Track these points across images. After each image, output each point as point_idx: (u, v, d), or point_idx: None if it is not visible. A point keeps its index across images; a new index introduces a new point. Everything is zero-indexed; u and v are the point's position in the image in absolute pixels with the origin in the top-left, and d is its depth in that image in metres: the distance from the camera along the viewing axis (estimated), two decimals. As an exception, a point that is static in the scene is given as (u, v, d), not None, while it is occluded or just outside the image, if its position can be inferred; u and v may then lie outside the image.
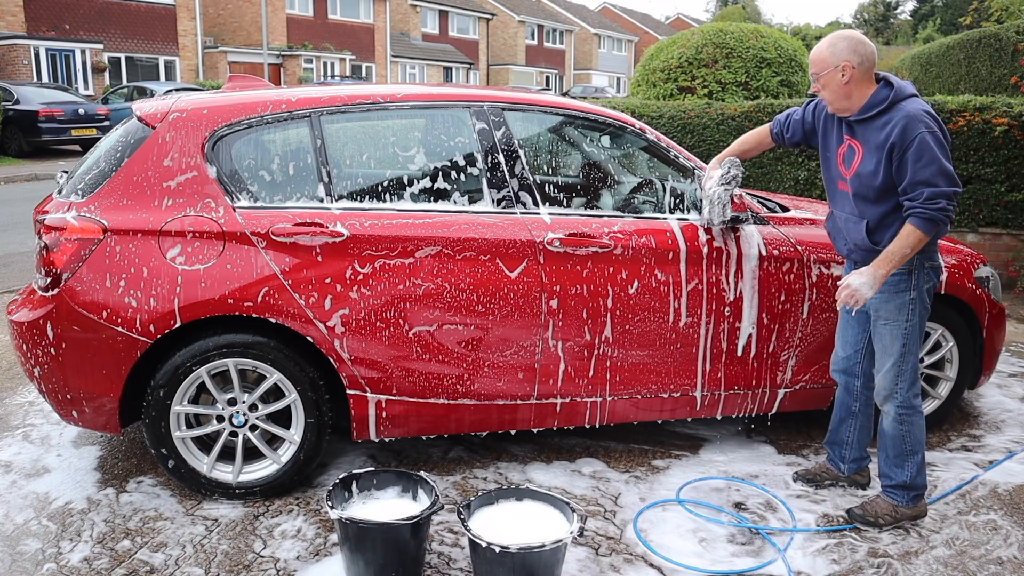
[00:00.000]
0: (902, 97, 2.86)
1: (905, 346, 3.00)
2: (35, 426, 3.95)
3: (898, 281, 2.96)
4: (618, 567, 2.85)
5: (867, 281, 2.85)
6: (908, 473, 3.10)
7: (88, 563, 2.82)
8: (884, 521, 3.12)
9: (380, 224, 3.18)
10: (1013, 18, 11.79)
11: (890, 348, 3.02)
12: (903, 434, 3.08)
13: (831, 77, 2.89)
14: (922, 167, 2.77)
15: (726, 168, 3.32)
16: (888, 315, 3.01)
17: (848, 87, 2.89)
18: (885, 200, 2.92)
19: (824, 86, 2.93)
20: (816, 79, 2.95)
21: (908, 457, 3.09)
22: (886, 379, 3.06)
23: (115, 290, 3.01)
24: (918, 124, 2.78)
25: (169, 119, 3.17)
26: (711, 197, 3.33)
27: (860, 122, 2.93)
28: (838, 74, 2.88)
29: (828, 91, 2.93)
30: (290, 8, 33.61)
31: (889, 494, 3.15)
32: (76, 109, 17.50)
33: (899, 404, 3.05)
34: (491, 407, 3.39)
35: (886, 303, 3.00)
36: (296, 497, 3.28)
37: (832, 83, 2.90)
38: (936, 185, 2.76)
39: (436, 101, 3.44)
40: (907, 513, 3.13)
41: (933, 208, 2.76)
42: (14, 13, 24.07)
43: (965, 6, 26.27)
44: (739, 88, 9.93)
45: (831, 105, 2.96)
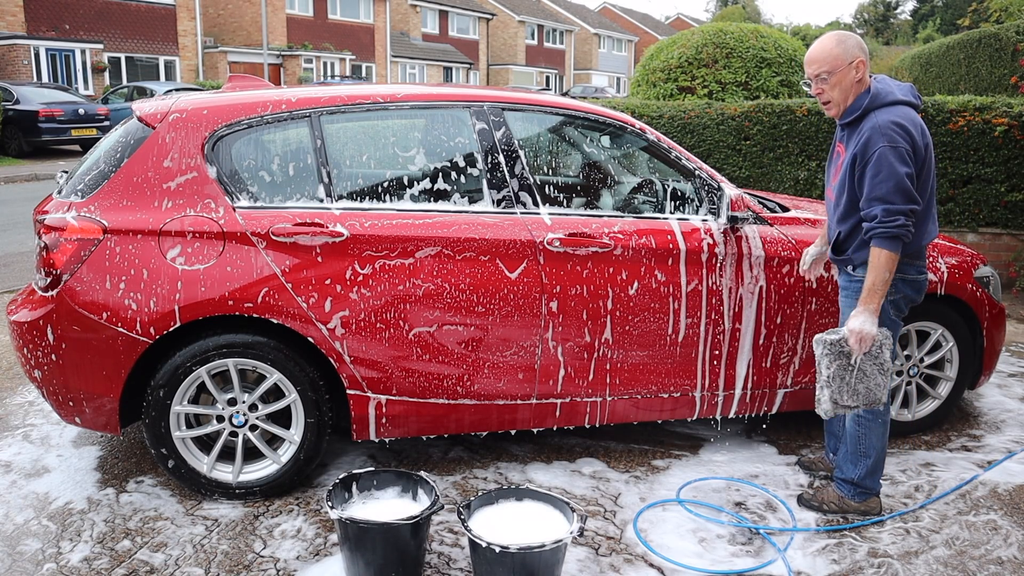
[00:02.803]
0: (877, 105, 2.79)
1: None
2: (35, 426, 3.95)
3: (858, 288, 2.94)
4: (618, 567, 2.85)
5: (867, 319, 2.81)
6: (858, 472, 3.14)
7: (88, 563, 2.82)
8: (828, 508, 3.20)
9: (380, 224, 3.18)
10: (1012, 18, 11.78)
11: None
12: (859, 436, 3.11)
13: (845, 75, 2.81)
14: (879, 182, 2.72)
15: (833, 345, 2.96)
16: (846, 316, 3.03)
17: (859, 85, 2.82)
18: (851, 214, 2.90)
19: (835, 85, 2.83)
20: (826, 78, 2.83)
21: (861, 458, 3.13)
22: None
23: (115, 290, 3.01)
24: (880, 137, 2.72)
25: (169, 119, 3.17)
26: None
27: (847, 126, 2.92)
28: (852, 71, 2.80)
29: (838, 90, 2.84)
30: (290, 8, 33.61)
31: (839, 485, 3.22)
32: (76, 109, 17.50)
33: None
34: (491, 407, 3.39)
35: (847, 308, 3.03)
36: (296, 497, 3.28)
37: (845, 81, 2.81)
38: (891, 202, 2.72)
39: (436, 101, 3.44)
40: (854, 507, 3.18)
41: (892, 225, 2.72)
42: (14, 13, 24.07)
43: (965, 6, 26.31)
44: (739, 88, 9.93)
45: (835, 107, 2.88)
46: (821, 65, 2.83)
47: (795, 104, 7.28)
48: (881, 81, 2.86)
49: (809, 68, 2.87)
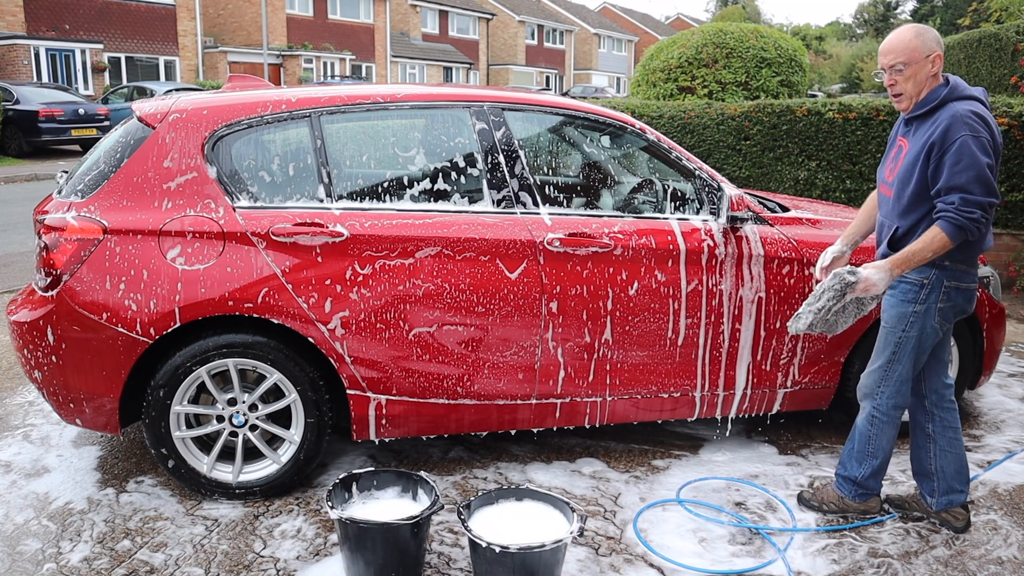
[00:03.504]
0: (955, 96, 2.73)
1: (895, 355, 2.94)
2: (35, 426, 3.95)
3: (907, 290, 2.87)
4: (618, 567, 2.85)
5: (884, 277, 2.74)
6: (862, 471, 3.11)
7: (88, 563, 2.82)
8: (828, 508, 3.18)
9: (380, 224, 3.18)
10: (1012, 18, 11.78)
11: (882, 352, 2.99)
12: (870, 435, 3.08)
13: (920, 67, 2.73)
14: (959, 171, 2.62)
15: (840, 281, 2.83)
16: (888, 320, 2.96)
17: (933, 79, 2.76)
18: (916, 208, 2.78)
19: (910, 77, 2.75)
20: (902, 69, 2.75)
21: (867, 457, 3.09)
22: (870, 378, 3.05)
23: (115, 290, 3.01)
24: (962, 126, 2.64)
25: (169, 119, 3.17)
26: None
27: (915, 119, 2.82)
28: (928, 64, 2.73)
29: (912, 83, 2.76)
30: (290, 8, 33.61)
31: (839, 484, 3.18)
32: (76, 109, 17.50)
33: (875, 406, 3.04)
34: (491, 407, 3.39)
35: (890, 308, 2.94)
36: (296, 497, 3.28)
37: (920, 74, 2.74)
38: (971, 192, 2.62)
39: (436, 101, 3.44)
40: (854, 507, 3.15)
41: (965, 215, 2.63)
42: (14, 13, 24.07)
43: (965, 6, 26.32)
44: (739, 88, 9.93)
45: (906, 100, 2.79)
46: (897, 56, 2.75)
47: (795, 104, 7.28)
48: (955, 78, 2.81)
49: (884, 58, 2.78)
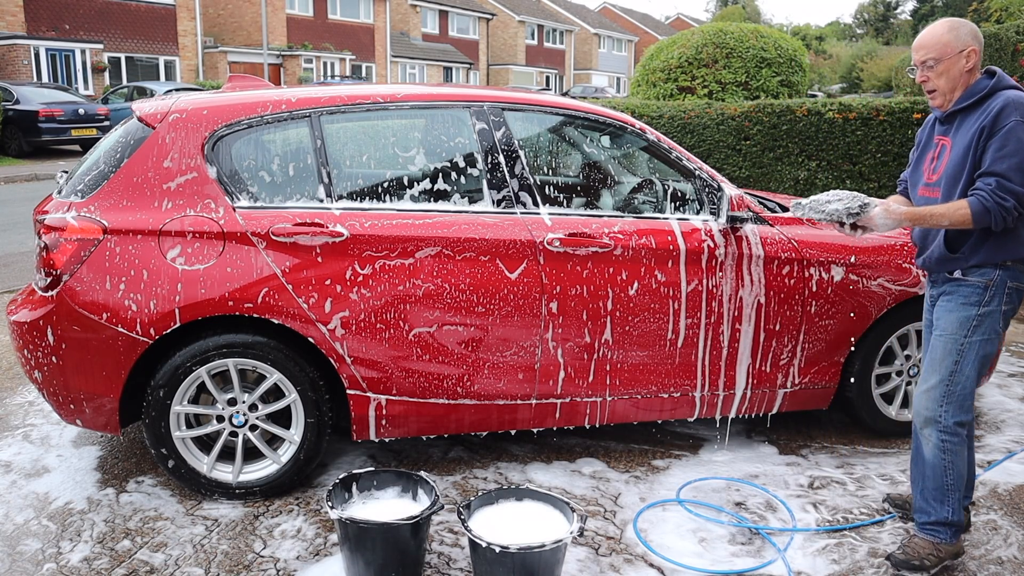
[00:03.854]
0: (1005, 85, 2.62)
1: (958, 364, 2.68)
2: (35, 426, 3.95)
3: (969, 292, 2.68)
4: (618, 567, 2.85)
5: (888, 223, 2.68)
6: (949, 508, 2.77)
7: (88, 563, 2.82)
8: (930, 562, 2.77)
9: (380, 224, 3.18)
10: (1012, 18, 11.78)
11: (940, 363, 2.71)
12: (945, 465, 2.74)
13: (953, 63, 2.62)
14: (1001, 157, 2.50)
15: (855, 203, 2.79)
16: (946, 326, 2.72)
17: (969, 75, 2.64)
18: None
19: (943, 73, 2.64)
20: (933, 65, 2.64)
21: (950, 492, 2.76)
22: (929, 399, 2.73)
23: (115, 290, 3.01)
24: (1014, 111, 2.52)
25: (169, 119, 3.17)
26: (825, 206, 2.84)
27: (958, 113, 2.68)
28: (962, 60, 2.61)
29: (945, 79, 2.64)
30: (290, 8, 33.61)
31: (929, 531, 2.81)
32: (76, 109, 17.50)
33: (942, 430, 2.72)
34: (491, 407, 3.39)
35: (948, 313, 2.72)
36: (296, 497, 3.28)
37: (953, 70, 2.62)
38: (1009, 179, 2.50)
39: (436, 101, 3.44)
40: (950, 551, 2.80)
41: (997, 199, 2.49)
42: (14, 13, 24.07)
43: (965, 6, 26.29)
44: (739, 88, 9.93)
45: (939, 97, 2.68)
46: (928, 51, 2.65)
47: (795, 104, 7.28)
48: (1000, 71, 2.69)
49: (916, 54, 2.69)
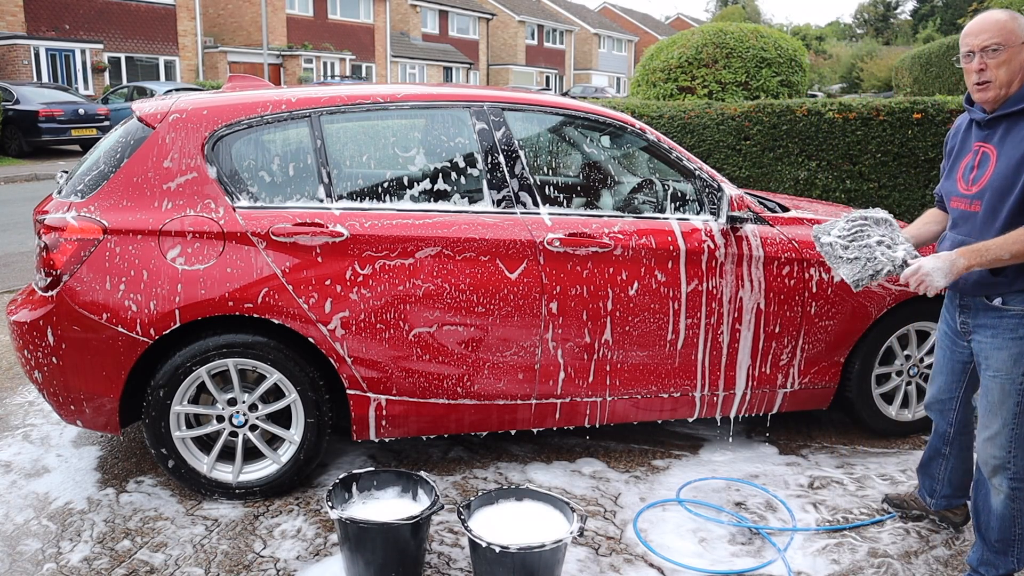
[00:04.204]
0: None
1: (1020, 405, 2.43)
2: (35, 426, 3.95)
3: (1016, 324, 2.41)
4: (618, 567, 2.85)
5: (943, 268, 2.33)
6: (1014, 560, 2.56)
7: (88, 563, 2.82)
8: None
9: (380, 224, 3.18)
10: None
11: (999, 407, 2.45)
12: (1015, 515, 2.52)
13: (1017, 53, 2.33)
14: None
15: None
16: (1000, 365, 2.44)
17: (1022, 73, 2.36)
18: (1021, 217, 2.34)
19: (1005, 63, 2.34)
20: (997, 49, 2.33)
21: (1016, 543, 2.55)
22: (994, 446, 2.48)
23: (115, 290, 3.01)
24: None
25: (169, 119, 3.17)
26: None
27: (1004, 118, 2.41)
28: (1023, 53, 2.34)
29: (1006, 70, 2.35)
30: (290, 8, 33.60)
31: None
32: (76, 109, 17.50)
33: (1013, 477, 2.48)
34: (491, 407, 3.39)
35: (998, 350, 2.44)
36: (296, 497, 3.28)
37: (1016, 61, 2.34)
38: None
39: (436, 101, 3.44)
40: None
41: None
42: (14, 13, 24.07)
43: (965, 6, 26.33)
44: (739, 88, 9.93)
45: (994, 90, 2.37)
46: (992, 35, 2.34)
47: (795, 104, 7.28)
48: None
49: (975, 38, 2.37)
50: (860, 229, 2.50)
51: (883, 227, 2.50)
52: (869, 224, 2.52)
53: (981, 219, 2.41)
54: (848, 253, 2.46)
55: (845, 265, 2.45)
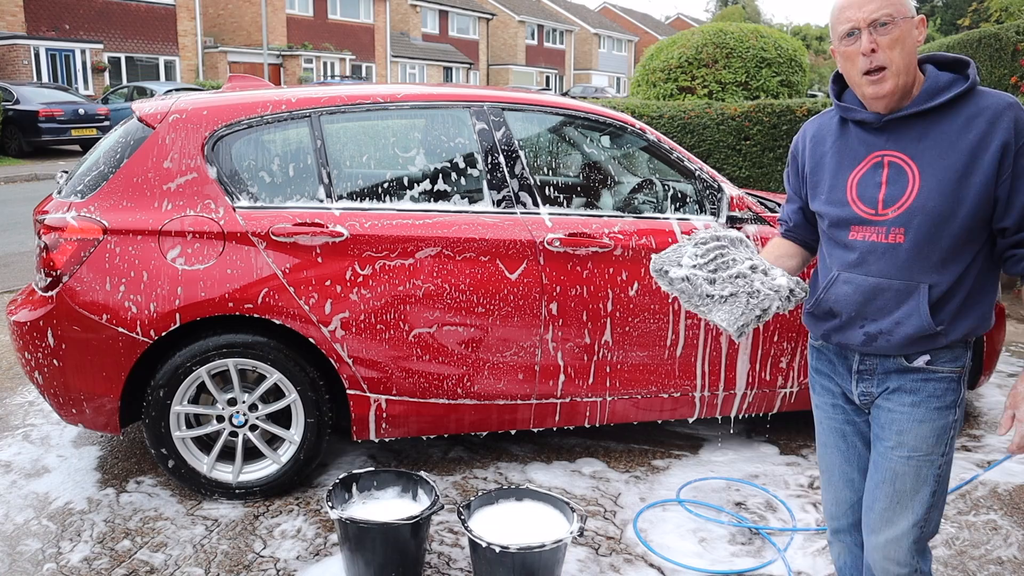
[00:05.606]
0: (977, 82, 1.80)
1: (936, 495, 1.88)
2: (35, 426, 3.95)
3: (944, 391, 1.85)
4: (618, 567, 2.85)
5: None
6: None
7: (88, 563, 2.82)
8: None
9: (380, 224, 3.18)
10: (1012, 18, 11.79)
11: (911, 498, 1.87)
12: None
13: (909, 30, 1.75)
14: None
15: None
16: (918, 443, 1.86)
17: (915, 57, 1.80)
18: (963, 251, 1.78)
19: (898, 41, 1.74)
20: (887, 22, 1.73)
21: None
22: (900, 550, 1.90)
23: (115, 291, 3.01)
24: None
25: (169, 120, 3.17)
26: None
27: (921, 116, 1.79)
28: (914, 31, 1.77)
29: (900, 51, 1.74)
30: (290, 8, 33.60)
31: None
32: (76, 109, 17.50)
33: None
34: (491, 407, 3.39)
35: (919, 423, 1.86)
36: (296, 497, 3.28)
37: (909, 40, 1.75)
38: None
39: (436, 101, 3.44)
40: None
41: None
42: (14, 13, 24.07)
43: (965, 6, 26.32)
44: (739, 88, 9.93)
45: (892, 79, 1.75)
46: (881, 5, 1.73)
47: (795, 104, 7.28)
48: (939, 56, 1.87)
49: (859, 10, 1.74)
50: (719, 254, 1.87)
51: (742, 247, 1.92)
52: (726, 245, 1.90)
53: (908, 253, 1.78)
54: (718, 289, 1.84)
55: (720, 306, 1.83)
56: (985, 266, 1.81)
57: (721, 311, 1.83)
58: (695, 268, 1.85)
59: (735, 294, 1.82)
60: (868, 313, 1.85)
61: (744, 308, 1.81)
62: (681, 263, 1.89)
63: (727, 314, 1.82)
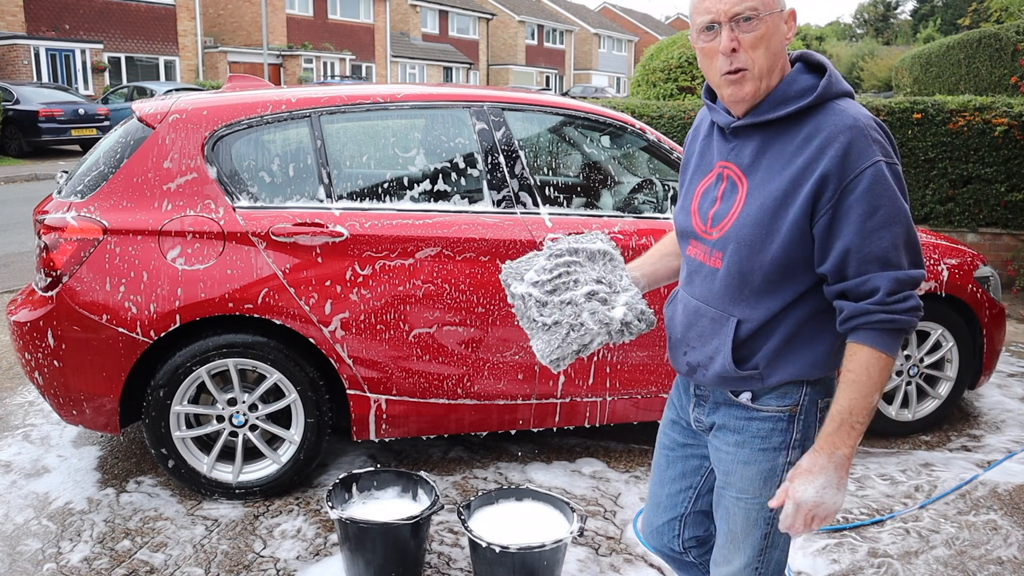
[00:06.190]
0: (838, 91, 1.56)
1: (768, 537, 1.71)
2: (35, 426, 3.95)
3: (770, 431, 1.66)
4: (618, 567, 2.85)
5: (828, 481, 1.52)
6: None
7: (88, 563, 2.82)
8: None
9: (380, 224, 3.18)
10: (1012, 18, 11.79)
11: (743, 539, 1.73)
12: None
13: (776, 26, 1.54)
14: (877, 228, 1.48)
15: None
16: (745, 485, 1.70)
17: (783, 56, 1.59)
18: (780, 289, 1.59)
19: (763, 40, 1.53)
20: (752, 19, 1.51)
21: None
22: None
23: (115, 291, 3.01)
24: (871, 145, 1.49)
25: (169, 120, 3.17)
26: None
27: (762, 127, 1.59)
28: (783, 24, 1.56)
29: (764, 51, 1.54)
30: (290, 8, 33.60)
31: None
32: (76, 109, 17.49)
33: None
34: (491, 407, 3.39)
35: (744, 465, 1.69)
36: (296, 497, 3.28)
37: (776, 38, 1.54)
38: (898, 265, 1.49)
39: (436, 101, 3.44)
40: None
41: (902, 309, 1.49)
42: (14, 13, 24.07)
43: (965, 6, 26.33)
44: (739, 88, 9.92)
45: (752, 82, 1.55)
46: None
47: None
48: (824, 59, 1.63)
49: (721, 2, 1.52)
50: (566, 271, 1.72)
51: (601, 264, 1.75)
52: (580, 261, 1.74)
53: (722, 281, 1.62)
54: (546, 315, 1.69)
55: (541, 334, 1.69)
56: (819, 307, 1.59)
57: (540, 340, 1.70)
58: (534, 286, 1.71)
59: (559, 323, 1.69)
60: (689, 339, 1.72)
61: (561, 342, 1.68)
62: (524, 277, 1.75)
63: (544, 344, 1.69)
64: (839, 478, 1.51)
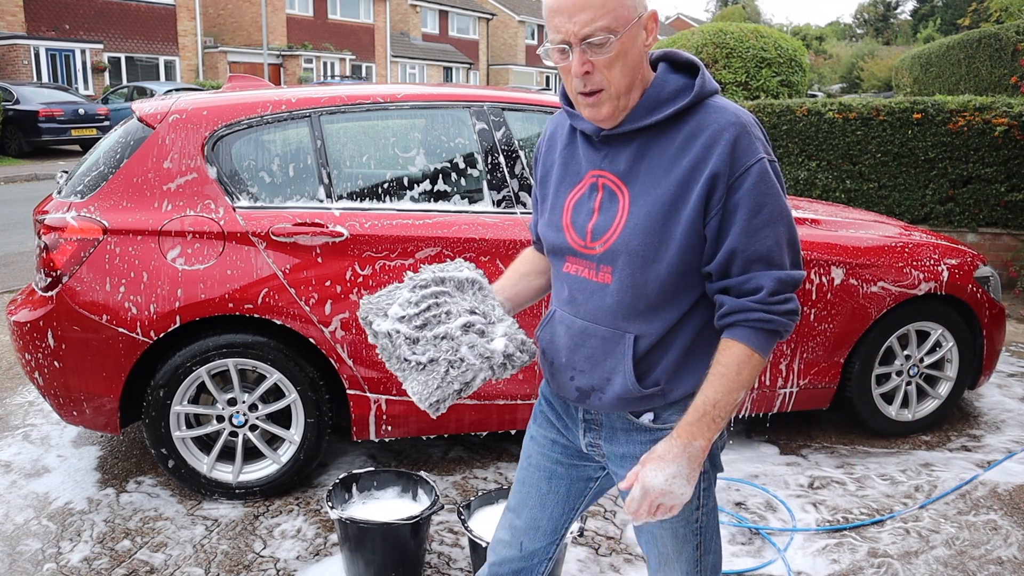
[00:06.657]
0: (712, 90, 1.53)
1: (700, 547, 1.69)
2: (35, 426, 3.95)
3: None
4: (618, 567, 2.85)
5: (680, 472, 1.47)
6: None
7: (88, 563, 2.82)
8: None
9: (380, 224, 3.18)
10: (1012, 18, 11.79)
11: (676, 559, 1.69)
12: None
13: (633, 39, 1.47)
14: (761, 227, 1.46)
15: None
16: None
17: (644, 64, 1.53)
18: (677, 298, 1.54)
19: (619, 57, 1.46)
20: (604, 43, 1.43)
21: None
22: None
23: (115, 291, 3.01)
24: (754, 142, 1.47)
25: (169, 120, 3.17)
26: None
27: (640, 133, 1.52)
28: (641, 32, 1.49)
29: (620, 69, 1.47)
30: (290, 8, 33.61)
31: None
32: (76, 109, 17.50)
33: None
34: (491, 407, 3.39)
35: None
36: (296, 497, 3.28)
37: (633, 51, 1.48)
38: (781, 265, 1.48)
39: (436, 101, 3.44)
40: None
41: (780, 311, 1.48)
42: (14, 13, 24.07)
43: (965, 6, 26.33)
44: (739, 88, 9.92)
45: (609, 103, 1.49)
46: (595, 13, 1.42)
47: (795, 104, 7.28)
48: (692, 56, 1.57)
49: (570, 20, 1.43)
50: (435, 303, 1.58)
51: (471, 293, 1.63)
52: (449, 291, 1.61)
53: (614, 296, 1.54)
54: (419, 353, 1.53)
55: (415, 375, 1.53)
56: (711, 315, 1.55)
57: (415, 382, 1.53)
58: (401, 321, 1.55)
59: (435, 360, 1.53)
60: (576, 362, 1.61)
61: (440, 381, 1.52)
62: (388, 313, 1.58)
63: (421, 386, 1.52)
64: (691, 470, 1.47)
